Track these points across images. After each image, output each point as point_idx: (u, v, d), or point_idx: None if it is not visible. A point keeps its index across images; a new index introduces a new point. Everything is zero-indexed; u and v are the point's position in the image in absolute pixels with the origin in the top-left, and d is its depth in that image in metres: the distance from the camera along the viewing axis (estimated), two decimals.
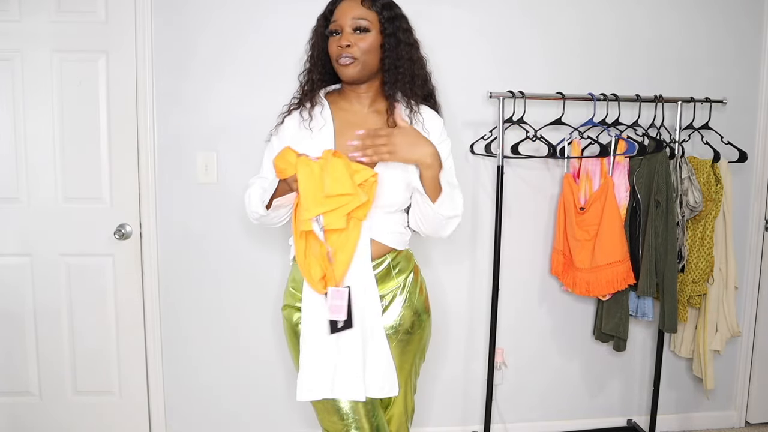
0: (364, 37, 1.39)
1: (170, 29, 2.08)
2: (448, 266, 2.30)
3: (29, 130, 2.08)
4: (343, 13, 1.40)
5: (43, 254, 2.13)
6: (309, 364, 1.39)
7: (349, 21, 1.39)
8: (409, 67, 1.44)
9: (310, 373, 1.39)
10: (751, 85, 2.35)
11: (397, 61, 1.42)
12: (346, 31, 1.39)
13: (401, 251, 1.52)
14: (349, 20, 1.39)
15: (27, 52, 2.03)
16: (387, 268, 1.48)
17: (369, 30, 1.40)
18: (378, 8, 1.41)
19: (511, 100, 2.04)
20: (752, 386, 2.53)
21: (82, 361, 2.20)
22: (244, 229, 2.18)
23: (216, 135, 2.11)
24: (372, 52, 1.41)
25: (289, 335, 1.52)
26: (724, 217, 2.18)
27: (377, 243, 1.44)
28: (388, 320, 1.48)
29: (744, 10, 2.31)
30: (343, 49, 1.39)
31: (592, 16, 2.24)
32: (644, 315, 2.20)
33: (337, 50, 1.40)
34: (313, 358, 1.39)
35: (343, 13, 1.40)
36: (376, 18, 1.41)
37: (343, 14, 1.40)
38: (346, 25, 1.39)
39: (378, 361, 1.41)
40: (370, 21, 1.40)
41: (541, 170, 2.28)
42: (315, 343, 1.39)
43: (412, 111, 1.45)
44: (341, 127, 1.45)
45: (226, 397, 2.27)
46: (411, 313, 1.50)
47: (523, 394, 2.42)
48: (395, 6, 1.45)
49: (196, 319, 2.22)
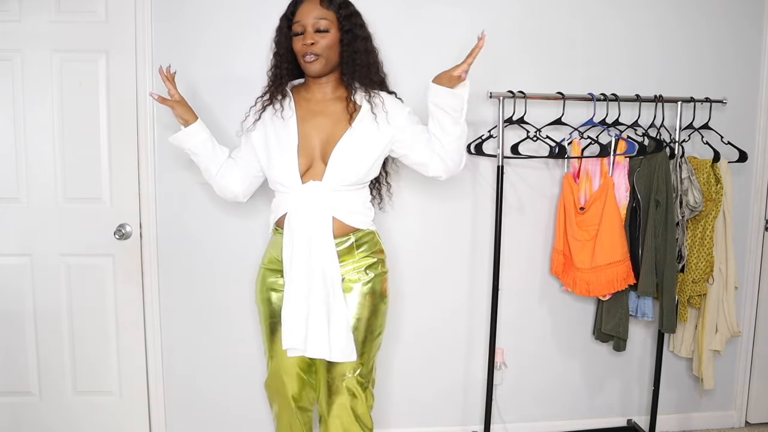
0: (325, 35, 1.58)
1: (170, 29, 2.08)
2: (448, 266, 2.30)
3: (29, 130, 2.08)
4: (305, 14, 1.57)
5: (43, 254, 2.13)
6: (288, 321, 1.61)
7: (311, 21, 1.57)
8: (365, 58, 1.63)
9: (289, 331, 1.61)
10: (751, 85, 2.35)
11: (354, 54, 1.61)
12: (309, 30, 1.57)
13: (365, 231, 1.70)
14: (311, 21, 1.57)
15: (27, 52, 2.03)
16: (350, 246, 1.66)
17: (329, 29, 1.58)
18: (335, 8, 1.58)
19: (511, 100, 2.04)
20: (752, 386, 2.53)
21: (82, 361, 2.20)
22: (244, 229, 2.18)
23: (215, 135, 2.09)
24: (332, 47, 1.60)
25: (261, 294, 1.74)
26: (724, 217, 2.18)
27: (339, 222, 1.62)
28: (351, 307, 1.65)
29: (744, 10, 2.31)
30: (307, 47, 1.57)
31: (592, 16, 2.24)
32: (644, 315, 2.20)
33: (302, 48, 1.59)
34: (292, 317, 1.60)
35: (304, 14, 1.57)
36: (334, 17, 1.59)
37: (304, 15, 1.57)
38: (309, 25, 1.57)
39: (339, 328, 1.59)
40: (329, 20, 1.58)
41: (541, 170, 2.28)
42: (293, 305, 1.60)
43: (370, 96, 1.65)
44: (304, 115, 1.66)
45: (226, 396, 2.27)
46: (371, 301, 1.68)
47: (523, 394, 2.42)
48: (350, 4, 1.63)
49: (196, 318, 2.22)
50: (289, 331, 1.61)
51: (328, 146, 1.62)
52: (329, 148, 1.62)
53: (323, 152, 1.63)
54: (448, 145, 1.63)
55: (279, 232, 1.69)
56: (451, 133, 1.61)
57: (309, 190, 1.60)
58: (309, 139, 1.64)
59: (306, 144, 1.63)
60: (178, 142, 1.70)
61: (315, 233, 1.59)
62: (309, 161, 1.63)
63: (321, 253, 1.59)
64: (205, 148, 1.70)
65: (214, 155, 1.73)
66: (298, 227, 1.60)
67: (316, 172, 1.62)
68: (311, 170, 1.63)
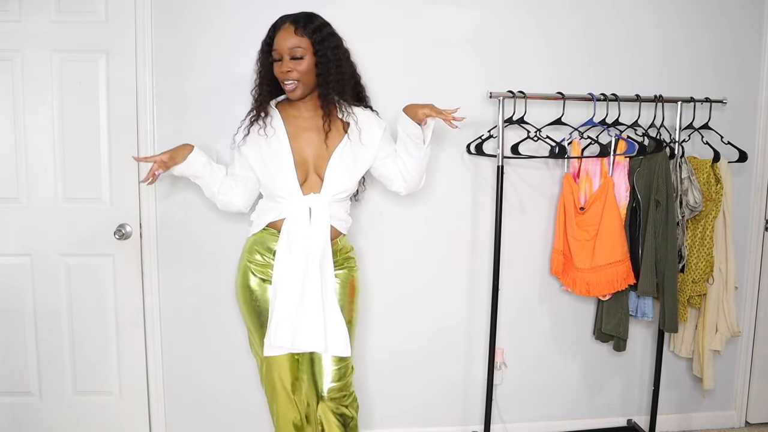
0: (301, 62, 1.66)
1: (170, 29, 2.08)
2: (448, 265, 2.30)
3: (29, 130, 2.08)
4: (281, 42, 1.66)
5: (43, 254, 2.13)
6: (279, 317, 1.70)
7: (287, 50, 1.65)
8: (340, 78, 1.71)
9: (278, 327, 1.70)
10: (751, 85, 2.35)
11: (328, 77, 1.69)
12: (286, 59, 1.66)
13: (344, 234, 1.85)
14: (287, 49, 1.65)
15: (27, 52, 2.03)
16: (337, 248, 1.81)
17: (303, 57, 1.66)
18: (309, 33, 1.66)
19: (511, 100, 2.04)
20: (752, 386, 2.53)
21: (82, 361, 2.20)
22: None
23: (216, 135, 2.10)
24: (309, 72, 1.68)
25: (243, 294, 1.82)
26: (724, 217, 2.18)
27: (333, 228, 1.77)
28: None
29: (744, 10, 2.31)
30: (285, 74, 1.67)
31: (593, 17, 2.24)
32: (644, 315, 2.20)
33: (281, 75, 1.69)
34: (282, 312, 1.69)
35: (280, 42, 1.66)
36: (308, 43, 1.66)
37: (281, 43, 1.66)
38: (285, 53, 1.66)
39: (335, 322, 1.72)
40: (303, 48, 1.65)
41: (541, 170, 2.28)
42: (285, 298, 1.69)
43: (345, 113, 1.75)
44: (294, 131, 1.75)
45: (226, 396, 2.27)
46: (348, 290, 1.83)
47: (523, 394, 2.42)
48: (324, 27, 1.70)
49: (196, 318, 2.22)
50: (284, 329, 1.69)
51: (320, 160, 1.75)
52: (321, 162, 1.74)
53: (316, 166, 1.75)
54: (411, 165, 1.78)
55: (269, 231, 1.79)
56: (414, 155, 1.76)
57: (310, 201, 1.72)
58: (302, 154, 1.75)
59: (300, 159, 1.74)
60: (179, 172, 1.78)
61: (314, 239, 1.70)
62: (305, 175, 1.75)
63: (319, 257, 1.70)
64: (206, 171, 1.80)
65: (213, 175, 1.82)
66: (296, 232, 1.70)
67: (313, 185, 1.75)
68: (308, 183, 1.75)
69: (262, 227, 1.80)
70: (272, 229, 1.78)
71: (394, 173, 1.82)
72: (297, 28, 1.65)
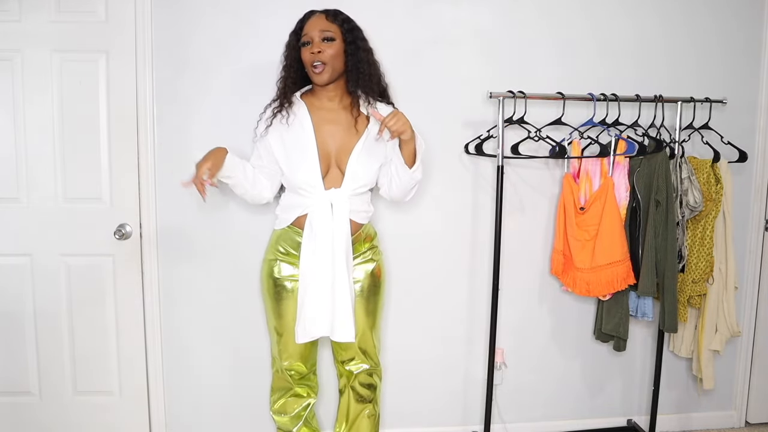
0: (331, 45, 1.72)
1: (170, 29, 2.08)
2: (448, 265, 2.30)
3: (29, 130, 2.07)
4: (312, 27, 1.73)
5: (43, 254, 2.13)
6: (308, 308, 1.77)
7: (318, 33, 1.72)
8: (367, 68, 1.77)
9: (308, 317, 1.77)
10: (751, 85, 2.35)
11: (357, 63, 1.76)
12: (316, 41, 1.72)
13: (366, 224, 1.90)
14: (318, 32, 1.72)
15: (27, 52, 2.03)
16: (359, 241, 1.87)
17: (334, 39, 1.73)
18: (339, 22, 1.75)
19: (511, 100, 2.04)
20: (752, 386, 2.53)
21: (82, 361, 2.20)
22: (244, 229, 2.18)
23: (216, 134, 2.10)
24: (338, 57, 1.74)
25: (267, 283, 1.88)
26: (724, 217, 2.18)
27: (354, 222, 1.81)
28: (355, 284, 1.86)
29: (744, 10, 2.31)
30: (315, 56, 1.72)
31: (593, 17, 2.24)
32: (644, 315, 2.20)
33: (310, 57, 1.73)
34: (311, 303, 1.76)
35: (312, 27, 1.73)
36: (338, 30, 1.74)
37: (312, 28, 1.73)
38: (316, 36, 1.72)
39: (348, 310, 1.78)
40: (334, 32, 1.73)
41: (541, 170, 2.28)
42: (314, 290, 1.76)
43: (369, 104, 1.80)
44: (318, 122, 1.79)
45: (226, 397, 2.28)
46: (372, 280, 1.90)
47: (523, 394, 2.42)
48: (352, 20, 1.79)
49: (196, 318, 2.22)
50: (313, 320, 1.76)
51: (342, 154, 1.79)
52: (343, 155, 1.79)
53: (338, 159, 1.79)
54: (399, 179, 1.82)
55: (293, 229, 1.84)
56: (401, 175, 1.80)
57: (331, 196, 1.77)
58: (325, 146, 1.79)
59: (323, 151, 1.78)
60: None
61: (337, 233, 1.75)
62: (327, 167, 1.79)
63: (344, 249, 1.76)
64: (238, 170, 1.80)
65: (245, 172, 1.82)
66: (320, 227, 1.75)
67: (334, 179, 1.79)
68: (329, 176, 1.79)
69: (286, 224, 1.85)
70: (296, 228, 1.83)
71: (387, 180, 1.86)
72: (328, 16, 1.74)
